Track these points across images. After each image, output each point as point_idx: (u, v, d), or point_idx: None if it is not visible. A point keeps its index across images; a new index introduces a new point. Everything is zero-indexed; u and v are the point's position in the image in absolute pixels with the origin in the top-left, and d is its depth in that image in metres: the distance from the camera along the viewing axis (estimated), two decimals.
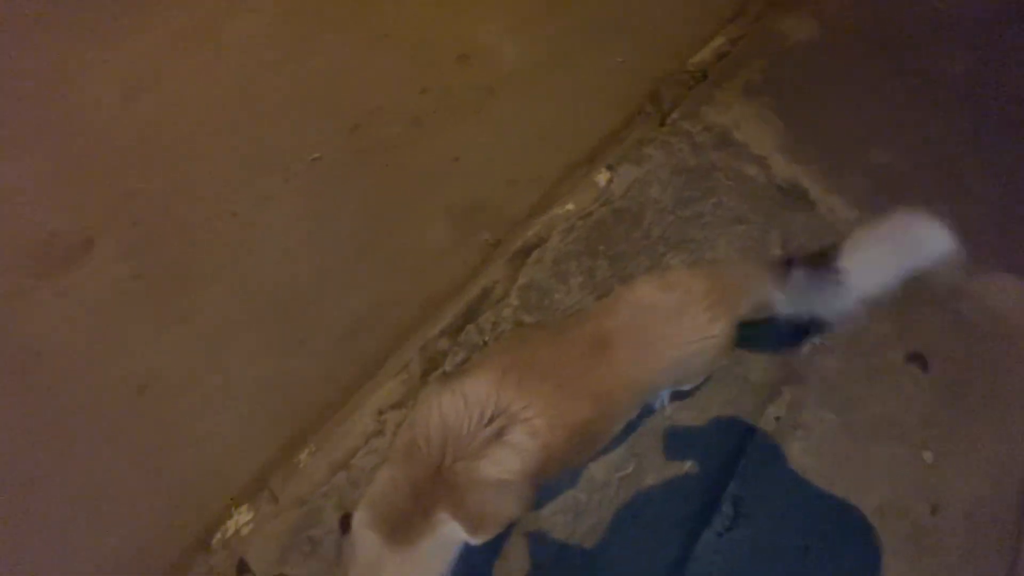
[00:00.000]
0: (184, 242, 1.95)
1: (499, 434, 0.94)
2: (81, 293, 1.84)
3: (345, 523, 1.02)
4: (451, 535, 0.95)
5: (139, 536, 1.54)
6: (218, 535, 1.51)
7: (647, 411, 1.62)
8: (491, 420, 0.95)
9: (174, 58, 2.30)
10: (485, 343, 1.77)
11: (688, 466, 1.56)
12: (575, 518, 1.49)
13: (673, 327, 1.10)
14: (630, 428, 1.59)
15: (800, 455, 1.60)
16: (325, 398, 1.73)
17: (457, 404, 0.95)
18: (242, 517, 1.53)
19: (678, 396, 1.64)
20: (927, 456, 1.64)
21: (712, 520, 1.49)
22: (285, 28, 2.43)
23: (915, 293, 1.88)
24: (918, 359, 1.78)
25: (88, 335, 1.78)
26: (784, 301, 1.23)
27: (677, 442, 1.60)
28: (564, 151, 2.28)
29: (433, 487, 0.92)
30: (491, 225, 2.10)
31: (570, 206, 2.03)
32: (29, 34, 2.29)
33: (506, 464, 0.94)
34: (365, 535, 0.94)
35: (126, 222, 1.96)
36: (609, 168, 2.13)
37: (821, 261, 1.18)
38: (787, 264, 1.22)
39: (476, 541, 0.98)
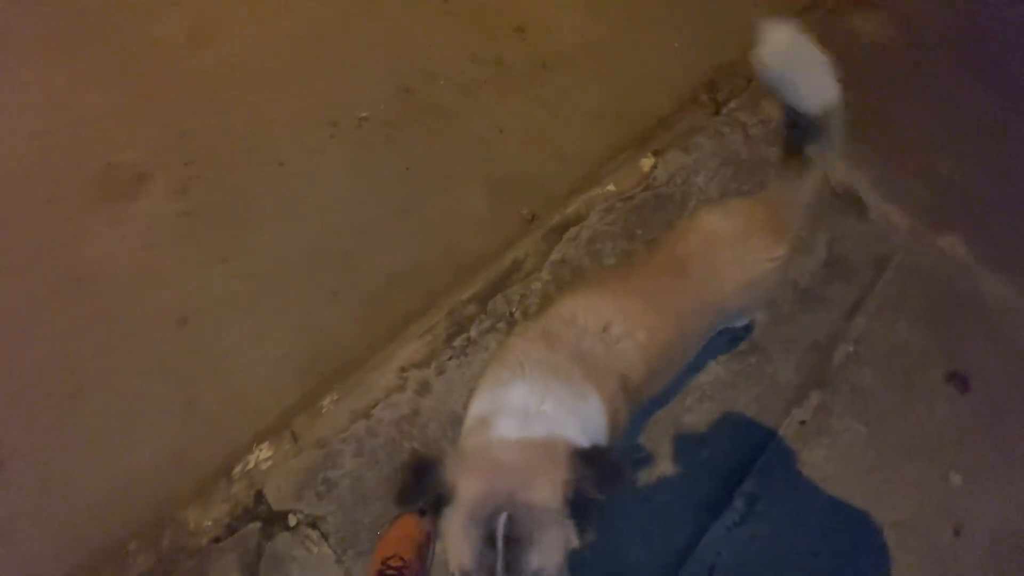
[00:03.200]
0: (233, 185, 2.01)
1: (616, 340, 1.02)
2: (132, 225, 1.92)
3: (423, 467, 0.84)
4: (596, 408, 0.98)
5: (167, 456, 1.62)
6: (239, 467, 1.58)
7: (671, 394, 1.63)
8: (605, 328, 1.03)
9: (239, 8, 2.35)
10: (511, 314, 1.78)
11: (704, 456, 1.55)
12: None
13: (741, 251, 1.15)
14: (646, 413, 1.58)
15: (822, 462, 1.57)
16: (352, 350, 1.77)
17: (581, 307, 1.05)
18: (263, 453, 1.59)
19: (728, 343, 1.65)
20: (956, 478, 1.59)
21: (723, 513, 1.48)
22: None
23: (966, 311, 1.81)
24: (958, 379, 1.71)
25: (135, 265, 1.85)
26: None
27: (696, 433, 1.58)
28: (611, 133, 2.25)
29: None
30: (530, 199, 2.09)
31: (611, 187, 2.01)
32: None
33: (625, 361, 1.01)
34: None
35: (179, 161, 2.03)
36: (655, 153, 2.09)
37: None
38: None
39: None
